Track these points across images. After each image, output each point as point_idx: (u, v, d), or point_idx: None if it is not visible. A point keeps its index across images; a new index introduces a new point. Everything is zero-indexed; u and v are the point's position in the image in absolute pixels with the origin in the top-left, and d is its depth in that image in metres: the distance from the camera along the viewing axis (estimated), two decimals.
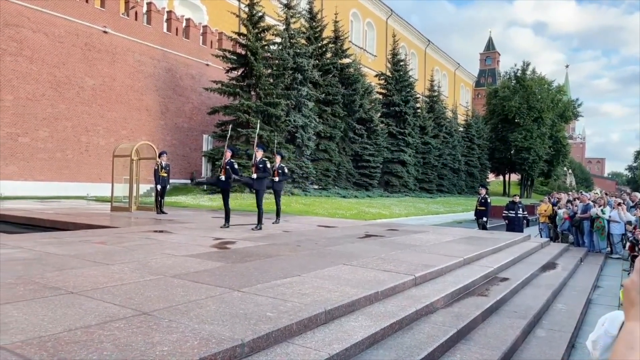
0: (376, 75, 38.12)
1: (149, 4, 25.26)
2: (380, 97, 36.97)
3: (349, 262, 5.38)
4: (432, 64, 64.31)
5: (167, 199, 14.59)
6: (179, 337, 2.56)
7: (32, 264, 4.65)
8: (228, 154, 9.12)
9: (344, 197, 26.96)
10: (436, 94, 45.20)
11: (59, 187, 20.49)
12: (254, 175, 8.76)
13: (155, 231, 8.03)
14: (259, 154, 8.98)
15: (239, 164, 10.30)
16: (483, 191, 13.24)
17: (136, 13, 24.34)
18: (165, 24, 26.02)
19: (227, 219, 9.24)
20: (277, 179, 9.97)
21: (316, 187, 27.69)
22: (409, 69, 39.42)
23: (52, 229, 8.74)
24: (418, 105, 40.38)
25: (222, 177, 8.98)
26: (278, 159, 10.16)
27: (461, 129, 50.18)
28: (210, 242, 6.87)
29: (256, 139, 9.84)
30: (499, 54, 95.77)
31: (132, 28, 24.02)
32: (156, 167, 12.53)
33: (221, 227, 8.86)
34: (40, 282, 3.83)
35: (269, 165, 9.08)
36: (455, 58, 74.35)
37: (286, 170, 10.40)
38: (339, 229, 9.75)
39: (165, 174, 12.58)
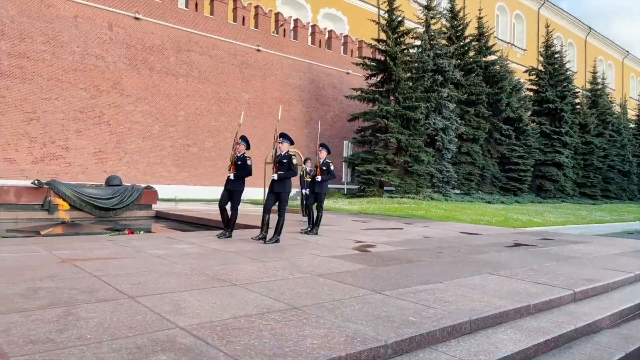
0: (526, 71, 35.20)
1: (295, 20, 27.10)
2: (531, 94, 34.04)
3: (496, 271, 5.11)
4: (595, 54, 56.97)
5: None
6: (326, 333, 2.74)
7: (202, 258, 5.37)
8: (242, 147, 7.34)
9: (488, 202, 25.37)
10: (600, 86, 40.03)
11: (221, 192, 23.02)
12: (275, 176, 6.97)
13: (301, 232, 8.57)
14: (283, 147, 7.12)
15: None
16: None
17: (284, 30, 26.32)
18: (309, 38, 27.63)
19: (230, 226, 7.54)
20: (319, 178, 8.43)
21: (458, 191, 26.58)
22: (566, 61, 35.57)
23: (216, 228, 9.88)
24: (577, 100, 36.23)
25: (231, 176, 7.39)
26: (324, 153, 8.54)
27: (632, 125, 43.60)
28: (352, 244, 7.10)
29: (277, 129, 7.25)
30: None
31: (281, 44, 26.02)
32: (302, 173, 13.30)
33: (217, 236, 7.32)
34: (209, 274, 4.41)
35: (295, 161, 7.08)
36: (622, 45, 64.82)
37: (332, 168, 8.63)
38: (483, 236, 9.25)
39: (310, 179, 13.30)
